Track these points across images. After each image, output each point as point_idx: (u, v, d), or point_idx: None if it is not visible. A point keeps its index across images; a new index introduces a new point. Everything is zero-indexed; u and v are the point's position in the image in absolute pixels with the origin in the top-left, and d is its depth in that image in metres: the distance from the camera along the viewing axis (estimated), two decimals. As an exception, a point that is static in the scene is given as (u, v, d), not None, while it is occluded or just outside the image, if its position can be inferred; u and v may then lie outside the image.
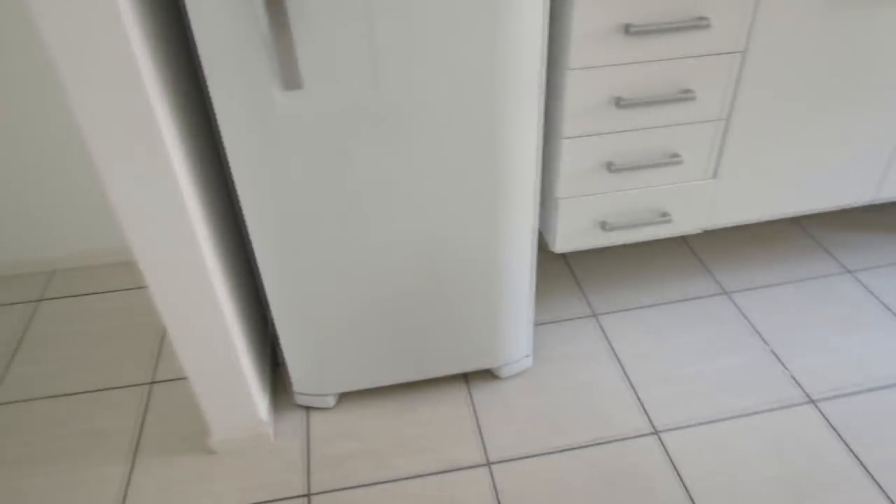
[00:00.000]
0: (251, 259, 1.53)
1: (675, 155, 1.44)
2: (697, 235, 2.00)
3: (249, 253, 1.54)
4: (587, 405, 1.49)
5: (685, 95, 1.34)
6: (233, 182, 1.36)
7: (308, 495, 1.34)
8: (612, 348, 1.64)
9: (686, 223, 1.56)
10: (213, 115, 1.34)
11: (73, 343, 1.74)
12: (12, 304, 1.87)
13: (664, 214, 1.53)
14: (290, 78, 1.05)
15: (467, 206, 1.25)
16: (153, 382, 1.61)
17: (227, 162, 1.39)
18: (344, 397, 1.54)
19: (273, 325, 1.40)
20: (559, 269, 1.90)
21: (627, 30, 1.24)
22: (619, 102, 1.33)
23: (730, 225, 1.62)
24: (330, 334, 1.38)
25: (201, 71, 1.31)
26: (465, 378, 1.58)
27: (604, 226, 1.51)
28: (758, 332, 1.66)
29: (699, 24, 1.26)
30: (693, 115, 1.39)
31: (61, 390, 1.60)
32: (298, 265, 1.27)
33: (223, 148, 1.29)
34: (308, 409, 1.52)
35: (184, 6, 1.23)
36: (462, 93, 1.11)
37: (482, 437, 1.43)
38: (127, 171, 1.03)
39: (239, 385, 1.33)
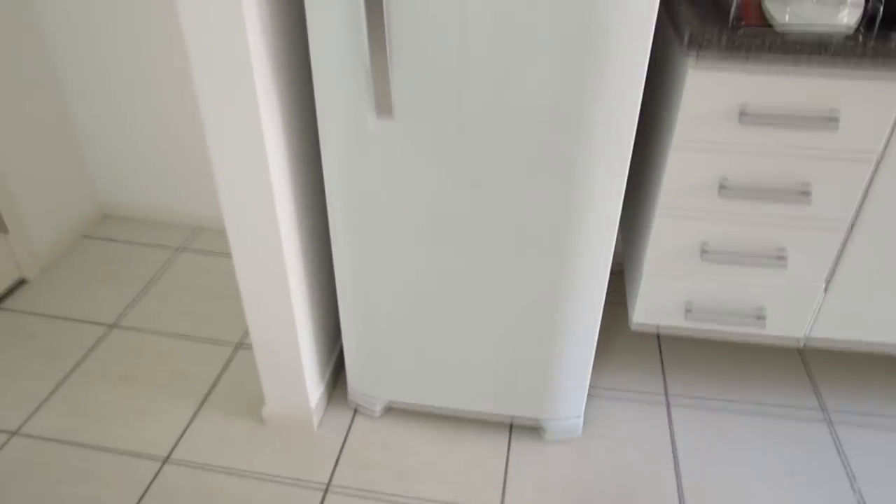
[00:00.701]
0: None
1: (781, 254, 1.32)
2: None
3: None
4: (624, 494, 1.42)
5: (801, 192, 1.23)
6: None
7: (326, 488, 1.41)
8: (674, 441, 1.53)
9: (783, 330, 1.42)
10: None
11: (195, 293, 1.98)
12: (159, 246, 2.18)
13: (759, 315, 1.41)
14: (384, 107, 1.13)
15: (535, 252, 1.26)
16: (240, 344, 1.79)
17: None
18: (391, 410, 1.60)
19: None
20: (647, 343, 1.81)
21: (742, 115, 1.17)
22: (722, 188, 1.25)
23: (836, 344, 1.45)
24: (387, 343, 1.45)
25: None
26: (510, 428, 1.56)
27: (689, 311, 1.42)
28: (851, 473, 1.46)
29: (827, 124, 1.16)
30: (808, 216, 1.27)
31: (170, 330, 1.83)
32: (369, 275, 1.35)
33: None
34: (356, 411, 1.60)
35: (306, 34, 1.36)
36: (544, 144, 1.12)
37: (504, 493, 1.42)
38: (232, 164, 1.18)
39: (294, 367, 1.44)
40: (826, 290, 1.36)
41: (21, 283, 1.99)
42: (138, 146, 2.14)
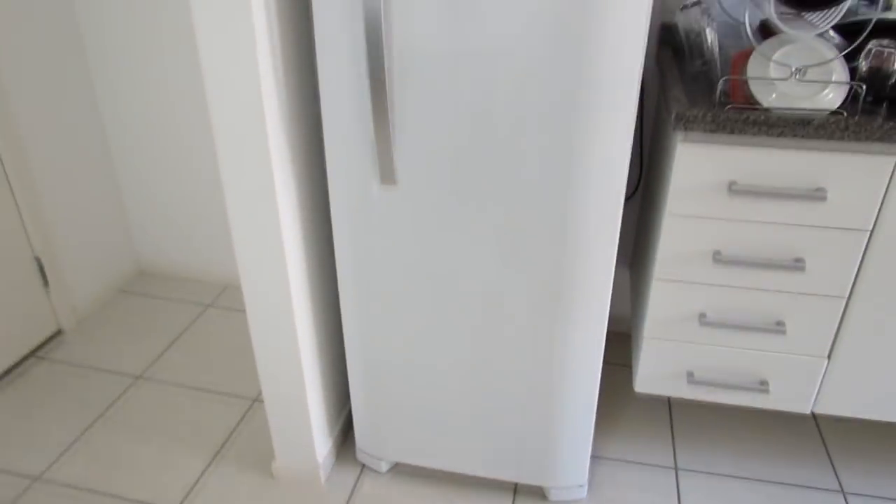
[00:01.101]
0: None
1: (780, 324, 1.33)
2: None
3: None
4: (625, 559, 1.40)
5: (795, 263, 1.26)
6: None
7: (328, 544, 1.44)
8: (680, 510, 1.52)
9: (788, 401, 1.42)
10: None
11: (219, 348, 2.06)
12: (190, 302, 2.28)
13: (763, 385, 1.41)
14: (387, 175, 1.22)
15: (533, 315, 1.30)
16: (257, 399, 1.85)
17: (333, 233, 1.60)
18: (397, 467, 1.63)
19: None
20: (658, 408, 1.81)
21: (731, 188, 1.21)
22: (716, 257, 1.28)
23: (847, 416, 1.43)
24: (394, 406, 1.49)
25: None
26: (515, 490, 1.57)
27: (691, 379, 1.43)
28: (865, 552, 1.42)
29: (816, 198, 1.19)
30: (804, 286, 1.29)
31: (192, 383, 1.91)
32: (376, 337, 1.41)
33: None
34: (363, 468, 1.63)
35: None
36: (537, 212, 1.19)
37: (504, 552, 1.42)
38: (249, 227, 1.27)
39: (303, 424, 1.49)
40: (829, 361, 1.36)
41: (58, 333, 2.10)
42: (177, 207, 2.28)
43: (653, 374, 1.46)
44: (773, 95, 1.18)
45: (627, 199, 1.83)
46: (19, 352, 1.97)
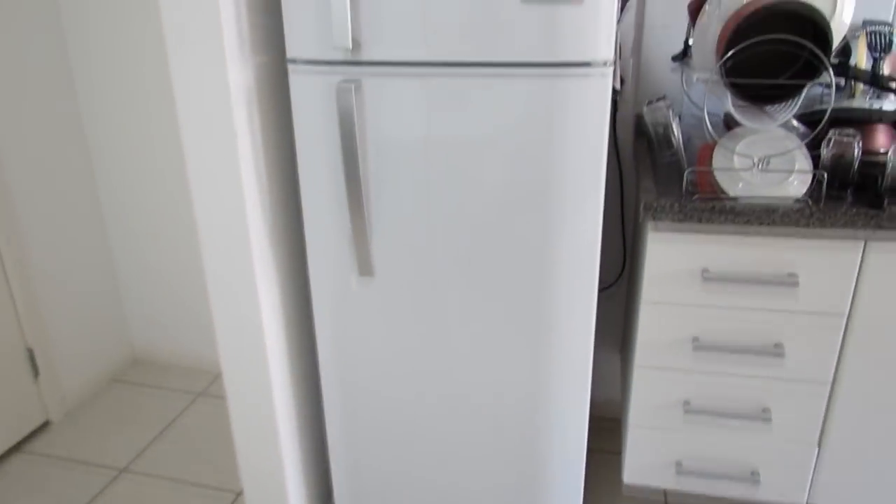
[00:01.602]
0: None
1: (765, 410, 1.31)
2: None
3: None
4: None
5: (774, 350, 1.25)
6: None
7: None
8: None
9: (782, 492, 1.37)
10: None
11: (207, 439, 2.03)
12: (181, 391, 2.27)
13: (753, 473, 1.37)
14: (365, 267, 1.24)
15: (510, 405, 1.29)
16: (240, 493, 1.80)
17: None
18: (382, 565, 1.56)
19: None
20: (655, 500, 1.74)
21: (704, 276, 1.22)
22: (695, 344, 1.28)
23: (844, 509, 1.38)
24: (378, 497, 1.45)
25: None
26: (503, 587, 1.50)
27: (679, 467, 1.40)
28: None
29: (788, 284, 1.20)
30: (785, 374, 1.27)
31: (177, 475, 1.87)
32: (358, 427, 1.39)
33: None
34: (347, 564, 1.57)
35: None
36: (510, 301, 1.20)
37: None
38: (230, 317, 1.29)
39: (283, 519, 1.45)
40: (819, 449, 1.33)
41: (45, 424, 2.08)
42: (173, 295, 2.30)
43: (641, 464, 1.43)
44: (740, 185, 1.22)
45: (611, 285, 1.84)
46: (3, 444, 1.94)
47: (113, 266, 2.31)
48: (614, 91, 1.65)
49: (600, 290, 1.86)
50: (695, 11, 1.32)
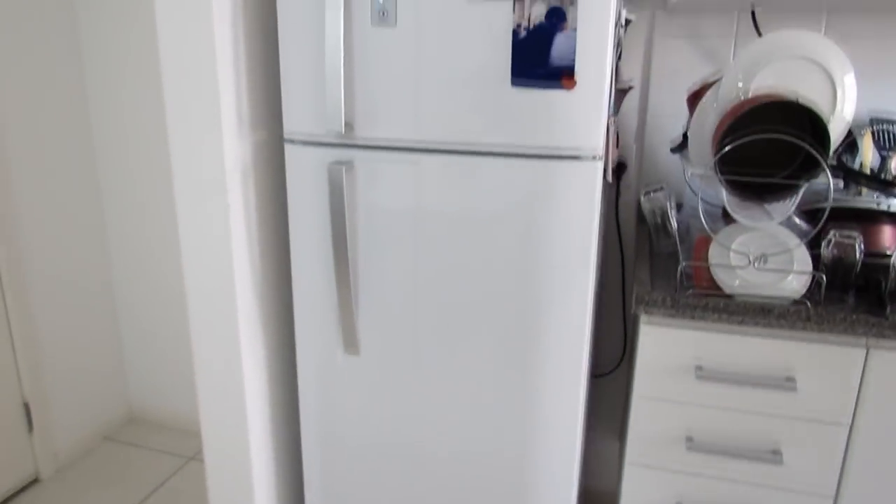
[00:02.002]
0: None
1: (764, 521, 1.23)
2: None
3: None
4: None
5: (772, 453, 1.19)
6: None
7: None
8: None
9: None
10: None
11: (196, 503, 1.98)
12: (173, 453, 2.23)
13: (752, 588, 1.27)
14: (350, 345, 1.22)
15: (496, 485, 1.23)
16: (219, 568, 1.74)
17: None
18: None
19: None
20: None
21: (698, 371, 1.18)
22: (688, 442, 1.22)
23: None
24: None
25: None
26: None
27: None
28: None
29: (785, 386, 1.15)
30: (783, 481, 1.20)
31: (157, 545, 1.82)
32: (336, 493, 1.35)
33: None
34: None
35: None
36: (494, 385, 1.16)
37: None
38: (212, 390, 1.27)
39: None
40: (823, 566, 1.24)
41: (35, 481, 2.06)
42: (174, 355, 2.30)
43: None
44: (737, 282, 1.18)
45: (611, 371, 1.79)
46: (-10, 500, 1.92)
47: (116, 324, 2.32)
48: (616, 176, 1.65)
49: (600, 376, 1.81)
50: (693, 102, 1.33)
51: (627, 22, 1.30)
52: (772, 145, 1.16)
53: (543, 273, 1.10)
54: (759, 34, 1.49)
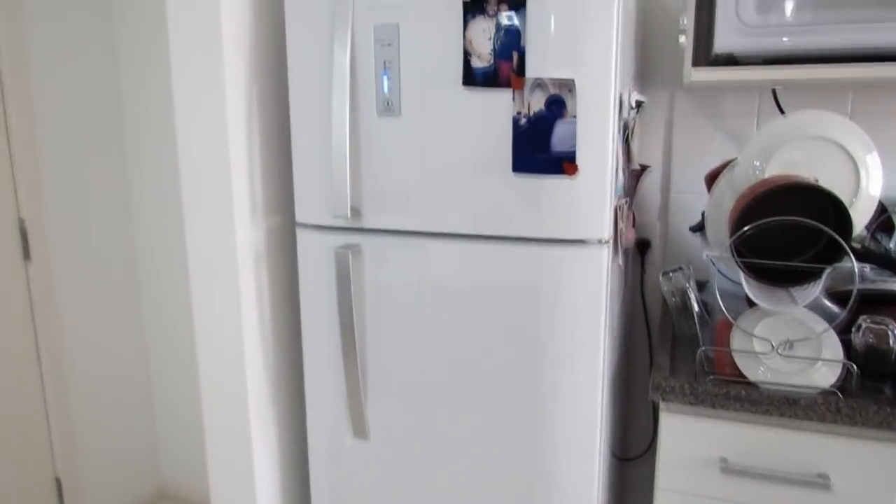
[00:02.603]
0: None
1: None
2: None
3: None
4: None
5: (810, 563, 1.09)
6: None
7: None
8: None
9: None
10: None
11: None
12: (198, 533, 2.20)
13: None
14: (360, 430, 1.20)
15: None
16: None
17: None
18: None
19: None
20: None
21: (723, 466, 1.11)
22: (717, 544, 1.13)
23: None
24: None
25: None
26: None
27: None
28: None
29: (818, 486, 1.06)
30: (826, 593, 1.09)
31: None
32: None
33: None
34: None
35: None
36: (502, 479, 1.12)
37: None
38: (223, 469, 1.26)
39: None
40: None
41: (61, 559, 2.05)
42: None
43: None
44: (761, 369, 1.12)
45: (639, 456, 1.70)
46: (15, 577, 1.92)
47: (149, 401, 2.35)
48: (640, 254, 1.62)
49: (628, 460, 1.72)
50: (710, 183, 1.30)
51: (639, 104, 1.30)
52: (792, 228, 1.12)
53: (551, 354, 1.07)
54: (782, 113, 1.47)
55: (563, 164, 1.00)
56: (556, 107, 0.98)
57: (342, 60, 1.06)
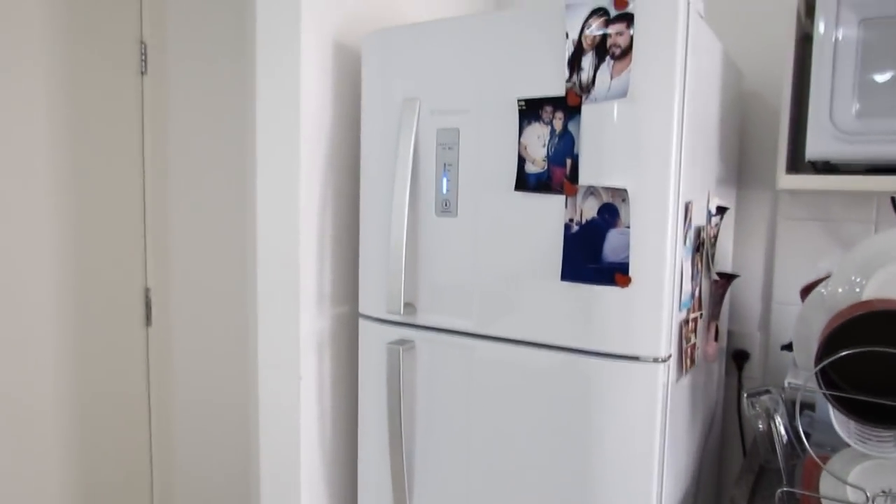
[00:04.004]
0: None
1: None
2: None
3: None
4: None
5: None
6: None
7: None
8: None
9: None
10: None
11: None
12: None
13: None
14: None
15: None
16: None
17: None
18: None
19: None
20: None
21: None
22: None
23: None
24: None
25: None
26: None
27: None
28: None
29: None
30: None
31: None
32: None
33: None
34: None
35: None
36: None
37: None
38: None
39: None
40: None
41: None
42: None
43: None
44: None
45: None
46: None
47: (253, 464, 2.44)
48: (737, 367, 1.48)
49: None
50: (805, 296, 1.17)
51: (722, 209, 1.22)
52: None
53: (598, 473, 0.98)
54: (903, 222, 1.31)
55: (616, 275, 0.95)
56: (609, 215, 0.95)
57: (405, 161, 1.09)
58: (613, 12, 0.94)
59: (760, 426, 1.16)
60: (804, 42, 1.19)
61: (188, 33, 2.05)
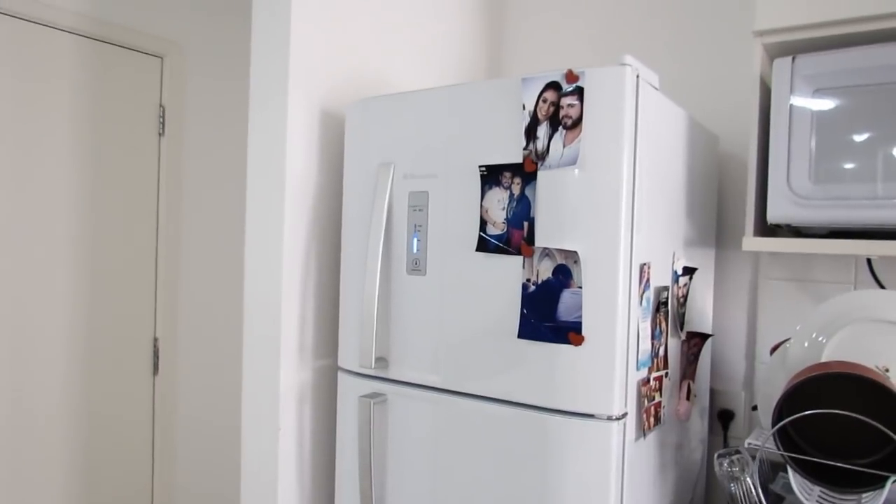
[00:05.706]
0: None
1: None
2: None
3: None
4: None
5: None
6: None
7: None
8: None
9: None
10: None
11: None
12: None
13: None
14: (373, 584, 1.18)
15: None
16: None
17: None
18: None
19: None
20: None
21: None
22: None
23: None
24: None
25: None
26: None
27: None
28: None
29: None
30: None
31: None
32: None
33: None
34: None
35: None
36: None
37: None
38: None
39: None
40: None
41: None
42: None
43: None
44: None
45: None
46: None
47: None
48: (723, 426, 1.47)
49: None
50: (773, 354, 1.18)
51: (689, 270, 1.24)
52: (857, 421, 0.98)
53: (561, 540, 0.99)
54: (881, 285, 1.32)
55: (569, 333, 0.98)
56: (563, 276, 0.98)
57: (379, 221, 1.16)
58: (566, 86, 1.00)
59: (732, 487, 1.16)
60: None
61: (204, 98, 2.19)
